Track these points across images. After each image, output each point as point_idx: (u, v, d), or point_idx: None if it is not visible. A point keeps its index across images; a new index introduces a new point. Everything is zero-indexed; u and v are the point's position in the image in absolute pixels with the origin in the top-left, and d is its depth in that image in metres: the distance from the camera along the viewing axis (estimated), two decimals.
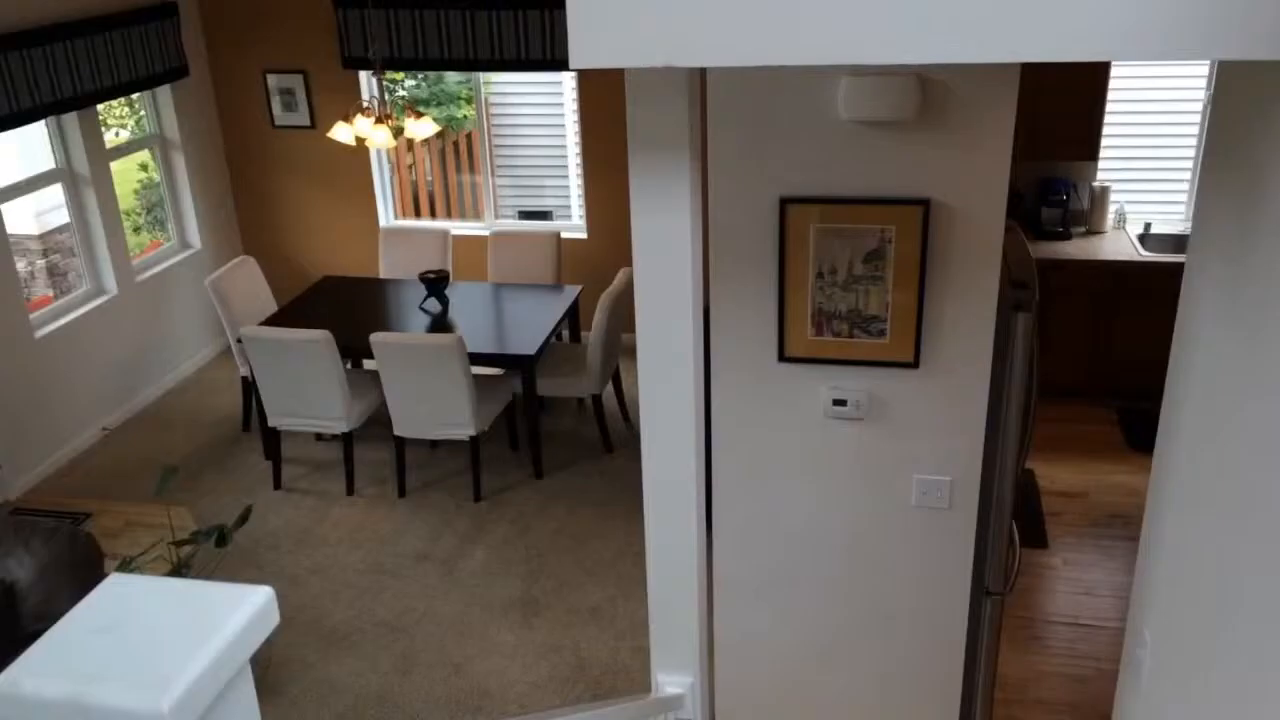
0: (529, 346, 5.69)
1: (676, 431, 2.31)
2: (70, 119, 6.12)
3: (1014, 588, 3.09)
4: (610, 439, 6.16)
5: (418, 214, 8.24)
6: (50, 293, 7.43)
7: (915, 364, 2.84)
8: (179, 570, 3.59)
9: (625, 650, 4.57)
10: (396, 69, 6.96)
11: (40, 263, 7.57)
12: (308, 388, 5.57)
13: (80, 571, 4.14)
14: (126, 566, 3.55)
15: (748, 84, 2.70)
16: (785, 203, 2.85)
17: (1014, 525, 3.03)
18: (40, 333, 6.00)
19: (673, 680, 2.48)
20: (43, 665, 0.77)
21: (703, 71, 2.56)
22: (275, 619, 0.87)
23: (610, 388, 6.47)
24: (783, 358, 3.01)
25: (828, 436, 3.05)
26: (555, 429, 6.40)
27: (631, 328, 6.58)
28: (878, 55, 1.45)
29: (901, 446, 2.92)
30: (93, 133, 6.27)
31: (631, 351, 6.89)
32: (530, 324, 5.99)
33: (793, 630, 3.27)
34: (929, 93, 2.53)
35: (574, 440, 6.29)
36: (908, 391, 2.86)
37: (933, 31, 1.40)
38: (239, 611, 0.81)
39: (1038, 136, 5.84)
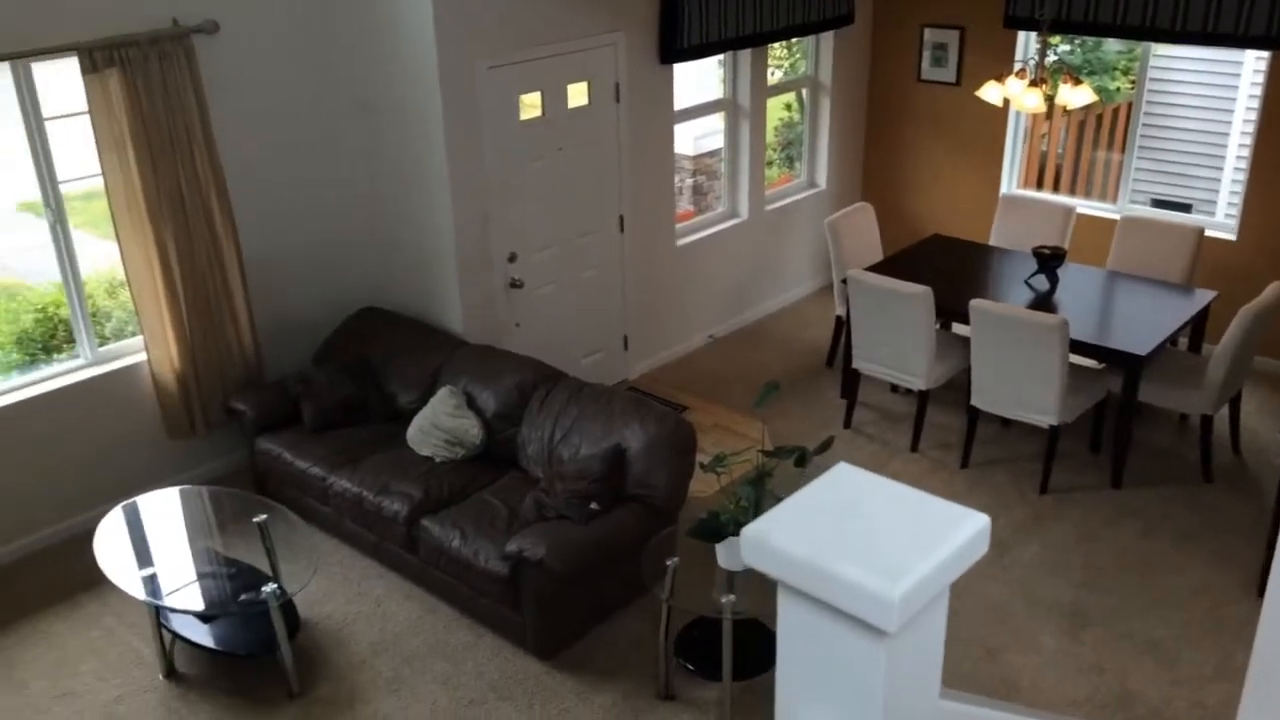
0: (1139, 346, 5.22)
1: None
2: (744, 55, 6.77)
3: None
4: (1211, 467, 5.46)
5: (1040, 186, 7.89)
6: (691, 208, 8.38)
7: None
8: (761, 479, 3.92)
9: (1181, 700, 4.09)
10: (1063, 32, 6.62)
11: (689, 181, 8.55)
12: (896, 339, 5.68)
13: (676, 456, 4.69)
14: (720, 462, 3.95)
15: None
16: None
17: None
18: (680, 242, 6.81)
19: None
20: (788, 526, 0.88)
21: None
22: (985, 547, 0.90)
23: (1225, 411, 5.72)
24: None
25: None
26: (1147, 440, 5.83)
27: (1271, 351, 5.74)
28: None
29: None
30: (760, 70, 6.88)
31: (1262, 376, 6.02)
32: (1144, 322, 5.48)
33: None
34: None
35: (1167, 458, 5.69)
36: None
37: None
38: (960, 531, 0.85)
39: None
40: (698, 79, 7.35)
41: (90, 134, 4.82)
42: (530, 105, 5.68)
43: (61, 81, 4.83)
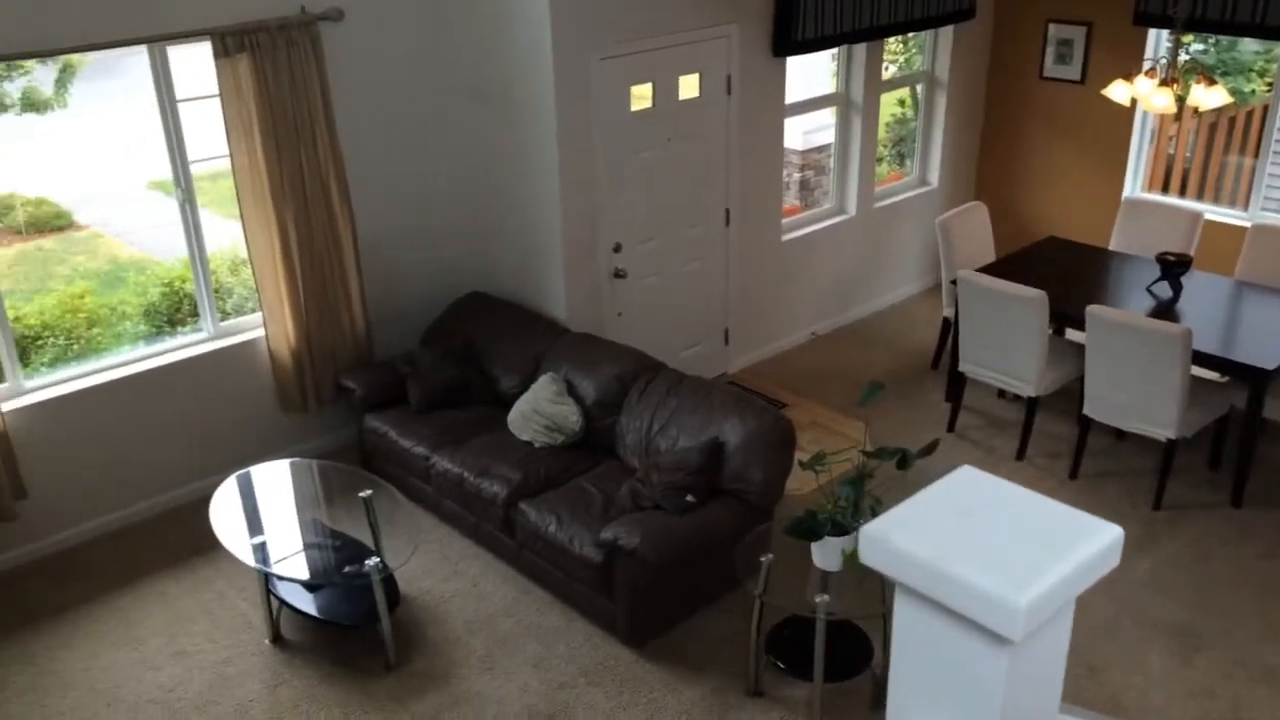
0: (1267, 360, 4.97)
1: None
2: (859, 50, 6.66)
3: None
4: None
5: (1165, 189, 7.57)
6: (798, 203, 8.29)
7: None
8: (861, 480, 3.86)
9: None
10: (1197, 30, 6.34)
11: (796, 176, 8.46)
12: (1007, 343, 5.53)
13: (774, 452, 4.65)
14: (820, 460, 3.90)
15: None
16: None
17: None
18: (785, 237, 6.75)
19: None
20: (910, 527, 0.86)
21: None
22: (1116, 560, 0.87)
23: None
24: None
25: None
26: (1271, 458, 5.56)
27: None
28: None
29: None
30: (874, 65, 6.75)
31: None
32: (1273, 335, 5.22)
33: None
34: None
35: None
36: None
37: None
38: (1091, 542, 0.82)
39: None
40: (808, 73, 7.26)
41: (219, 117, 5.01)
42: (641, 96, 5.69)
43: (193, 65, 5.03)
